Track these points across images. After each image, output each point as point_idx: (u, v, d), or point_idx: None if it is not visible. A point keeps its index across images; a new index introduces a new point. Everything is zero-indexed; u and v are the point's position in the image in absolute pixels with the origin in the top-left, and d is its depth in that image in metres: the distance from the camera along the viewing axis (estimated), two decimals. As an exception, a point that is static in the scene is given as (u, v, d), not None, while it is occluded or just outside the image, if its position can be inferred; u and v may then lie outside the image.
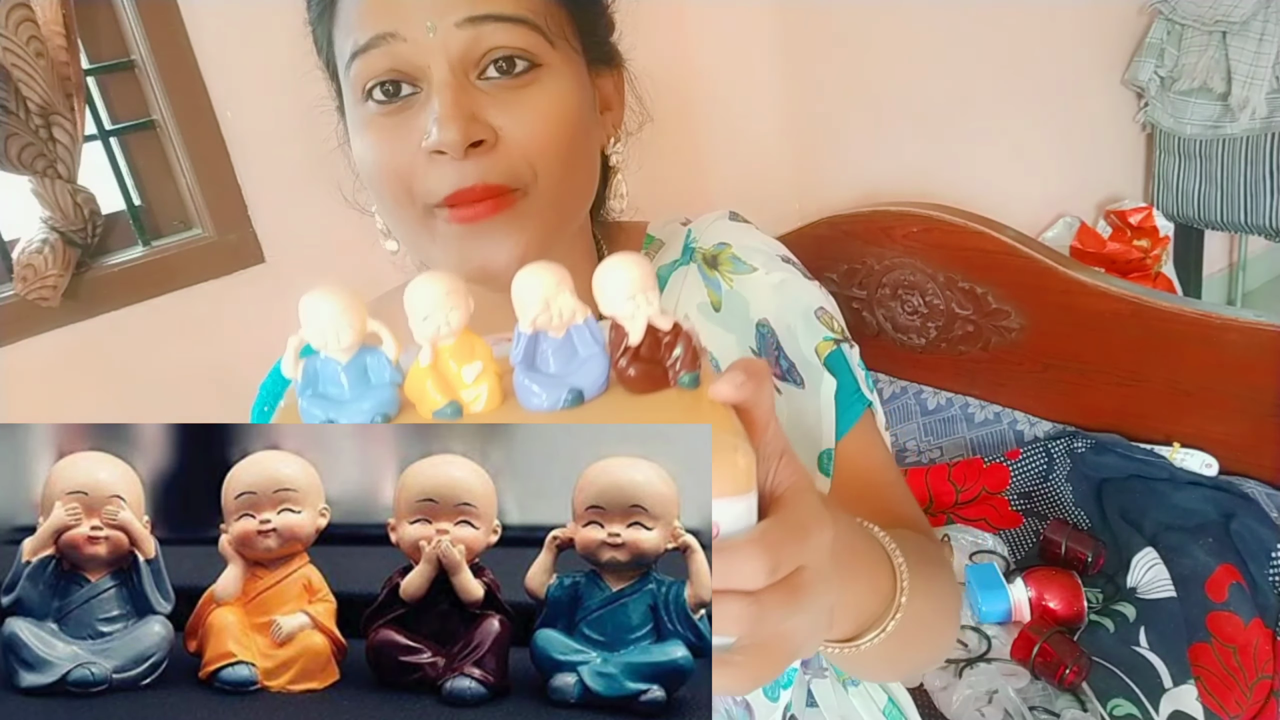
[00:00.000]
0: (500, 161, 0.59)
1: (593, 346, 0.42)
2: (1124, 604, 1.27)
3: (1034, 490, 1.54)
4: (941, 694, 1.21)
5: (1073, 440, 1.53)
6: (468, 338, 0.41)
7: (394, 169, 0.61)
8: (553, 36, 0.61)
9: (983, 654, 1.27)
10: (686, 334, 0.42)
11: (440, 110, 0.57)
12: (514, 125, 0.59)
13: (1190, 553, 1.28)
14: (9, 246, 1.30)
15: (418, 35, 0.58)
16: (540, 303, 0.40)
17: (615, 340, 0.42)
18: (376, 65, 0.59)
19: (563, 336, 0.41)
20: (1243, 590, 1.23)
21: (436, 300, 0.40)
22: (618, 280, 0.40)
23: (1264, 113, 2.23)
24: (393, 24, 0.58)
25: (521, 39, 0.59)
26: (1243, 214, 2.37)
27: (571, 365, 0.42)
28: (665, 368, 0.42)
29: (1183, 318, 1.39)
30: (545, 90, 0.61)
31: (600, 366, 0.42)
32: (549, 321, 0.41)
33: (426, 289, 0.40)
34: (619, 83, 0.72)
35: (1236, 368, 1.35)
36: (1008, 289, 1.57)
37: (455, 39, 0.58)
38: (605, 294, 0.41)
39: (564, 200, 0.64)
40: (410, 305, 0.41)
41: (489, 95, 0.59)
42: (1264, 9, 2.16)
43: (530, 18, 0.60)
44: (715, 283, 0.73)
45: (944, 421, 1.72)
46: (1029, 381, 1.61)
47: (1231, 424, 1.40)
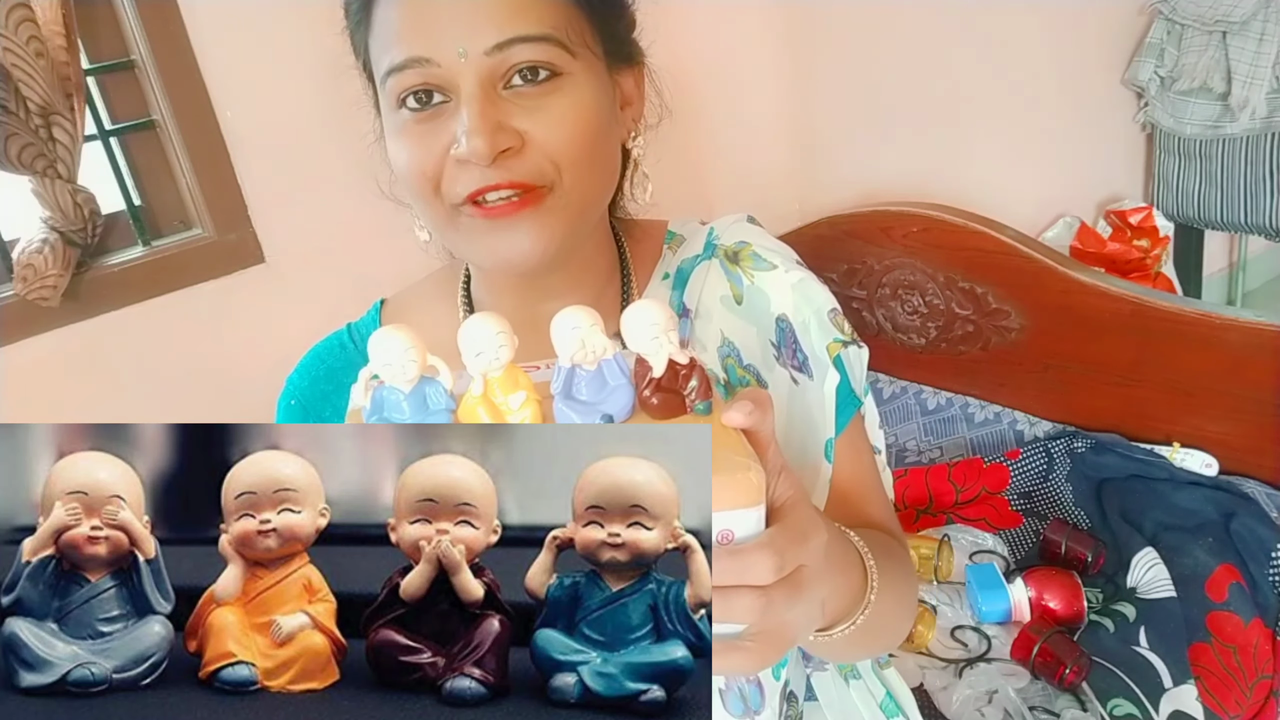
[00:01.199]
0: (526, 162, 0.64)
1: (620, 378, 0.49)
2: (1124, 604, 1.27)
3: (1034, 490, 1.54)
4: (941, 694, 1.21)
5: (1073, 440, 1.53)
6: (512, 370, 0.48)
7: (423, 171, 0.65)
8: (574, 46, 0.65)
9: (983, 654, 1.27)
10: (700, 367, 0.49)
11: (469, 123, 0.62)
12: (538, 129, 0.64)
13: (1190, 553, 1.28)
14: (9, 246, 1.30)
15: (450, 59, 0.62)
16: (577, 343, 0.48)
17: (639, 372, 0.49)
18: (409, 82, 0.64)
19: (594, 369, 0.48)
20: (1243, 590, 1.24)
21: (489, 339, 0.47)
22: (644, 322, 0.48)
23: (1264, 113, 2.23)
24: (426, 49, 0.62)
25: (545, 54, 0.63)
26: (1243, 214, 2.37)
27: (602, 394, 0.49)
28: (683, 396, 0.49)
29: (1183, 318, 1.39)
30: (568, 96, 0.64)
31: (627, 395, 0.49)
32: (584, 357, 0.48)
33: (480, 329, 0.47)
34: (639, 78, 0.75)
35: (1236, 368, 1.35)
36: (1008, 289, 1.57)
37: (484, 62, 0.62)
38: (633, 333, 0.48)
39: (587, 196, 0.68)
40: (465, 343, 0.47)
41: (514, 103, 0.63)
42: (1264, 9, 2.16)
43: (553, 34, 0.63)
44: (737, 278, 0.78)
45: (944, 421, 1.72)
46: (1029, 381, 1.61)
47: (1231, 424, 1.40)
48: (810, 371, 0.75)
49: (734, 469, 0.45)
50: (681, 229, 0.83)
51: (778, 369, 0.76)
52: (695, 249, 0.80)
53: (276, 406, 0.80)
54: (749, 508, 0.46)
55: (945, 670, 1.25)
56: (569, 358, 0.48)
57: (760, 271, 0.77)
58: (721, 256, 0.79)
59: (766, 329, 0.76)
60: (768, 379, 0.76)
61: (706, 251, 0.79)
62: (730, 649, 0.46)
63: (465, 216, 0.65)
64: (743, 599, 0.45)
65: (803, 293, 0.75)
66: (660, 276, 0.80)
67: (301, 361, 0.82)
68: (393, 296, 0.85)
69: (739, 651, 0.46)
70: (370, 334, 0.80)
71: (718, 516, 0.46)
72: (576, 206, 0.67)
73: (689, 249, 0.80)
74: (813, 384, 0.75)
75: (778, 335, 0.76)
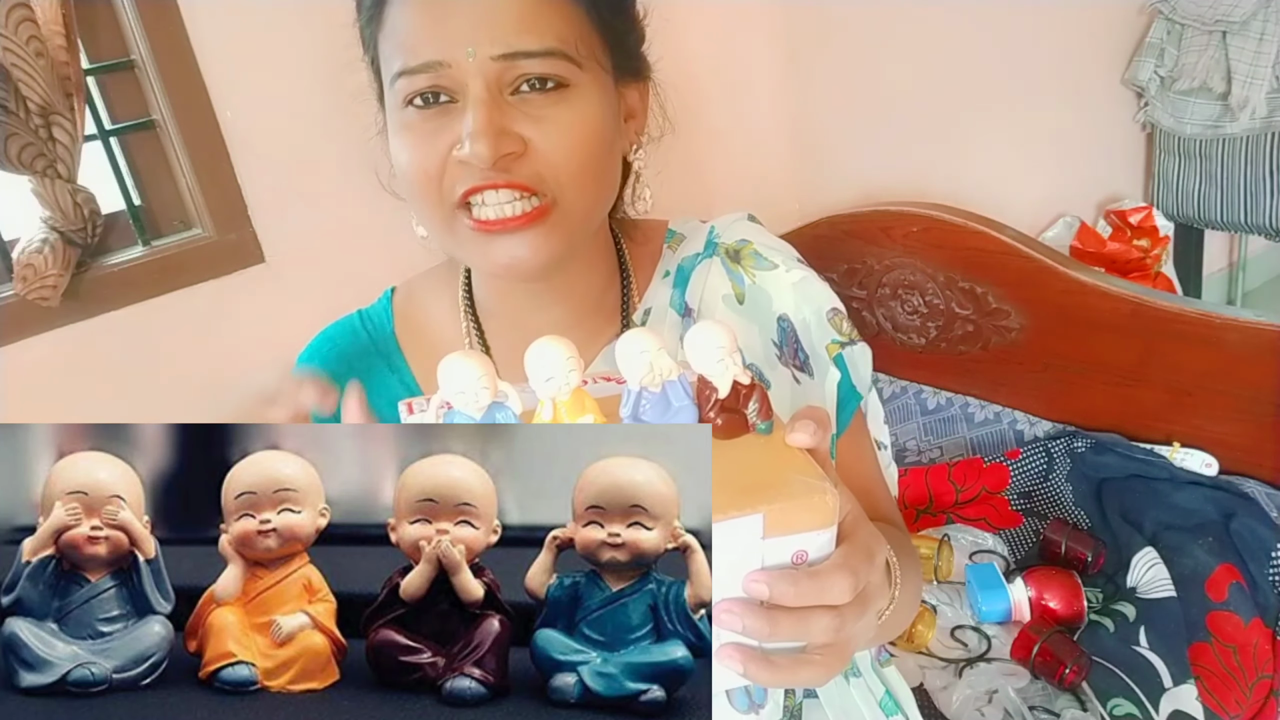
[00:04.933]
0: (526, 167, 0.64)
1: (684, 399, 0.49)
2: (1124, 604, 1.27)
3: (1034, 490, 1.54)
4: (941, 694, 1.21)
5: (1073, 440, 1.53)
6: (579, 393, 0.49)
7: (425, 169, 0.65)
8: (582, 59, 0.65)
9: (983, 654, 1.27)
10: (760, 387, 0.50)
11: (473, 125, 0.62)
12: (542, 138, 0.64)
13: (1190, 552, 1.28)
14: (9, 246, 1.30)
15: (459, 60, 0.63)
16: (646, 367, 0.48)
17: (702, 393, 0.50)
18: (419, 85, 0.64)
19: (659, 391, 0.49)
20: (1243, 590, 1.23)
21: (559, 364, 0.47)
22: (710, 344, 0.49)
23: (1264, 112, 2.23)
24: (438, 53, 0.63)
25: (552, 67, 0.64)
26: (1243, 214, 2.37)
27: (666, 415, 0.49)
28: (745, 416, 0.50)
29: (1183, 318, 1.39)
30: (572, 108, 0.65)
31: (690, 416, 0.50)
32: (652, 380, 0.49)
33: (551, 354, 0.48)
34: (644, 92, 0.75)
35: (1236, 368, 1.35)
36: (1008, 289, 1.57)
37: (491, 67, 0.63)
38: (698, 355, 0.49)
39: (587, 208, 0.68)
40: (534, 367, 0.48)
41: (519, 109, 0.64)
42: (1264, 9, 2.16)
43: (560, 48, 0.64)
44: (738, 276, 0.78)
45: (944, 421, 1.72)
46: (1029, 381, 1.61)
47: (1231, 424, 1.40)
48: (811, 370, 0.75)
49: (811, 491, 0.46)
50: (681, 227, 0.83)
51: (780, 368, 0.76)
52: (696, 247, 0.80)
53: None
54: (824, 529, 0.47)
55: (945, 670, 1.25)
56: (637, 381, 0.49)
57: (761, 270, 0.77)
58: (723, 255, 0.79)
59: (768, 328, 0.76)
60: (770, 378, 0.76)
61: (707, 250, 0.80)
62: (798, 663, 0.48)
63: (463, 224, 0.66)
64: (820, 620, 0.46)
65: (803, 292, 0.76)
66: (661, 275, 0.80)
67: (312, 343, 0.83)
68: (402, 285, 0.86)
69: (808, 666, 0.48)
70: (382, 321, 0.81)
71: (794, 539, 0.46)
72: (576, 219, 0.67)
73: (689, 247, 0.81)
74: (814, 382, 0.75)
75: (779, 335, 0.76)
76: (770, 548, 0.46)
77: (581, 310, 0.77)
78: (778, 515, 0.45)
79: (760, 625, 0.46)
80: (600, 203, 0.71)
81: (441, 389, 0.48)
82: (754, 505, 0.45)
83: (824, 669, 0.48)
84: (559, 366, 0.47)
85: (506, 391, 0.48)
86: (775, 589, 0.46)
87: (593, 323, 0.77)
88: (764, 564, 0.46)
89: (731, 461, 0.48)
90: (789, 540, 0.46)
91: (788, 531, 0.46)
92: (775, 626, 0.46)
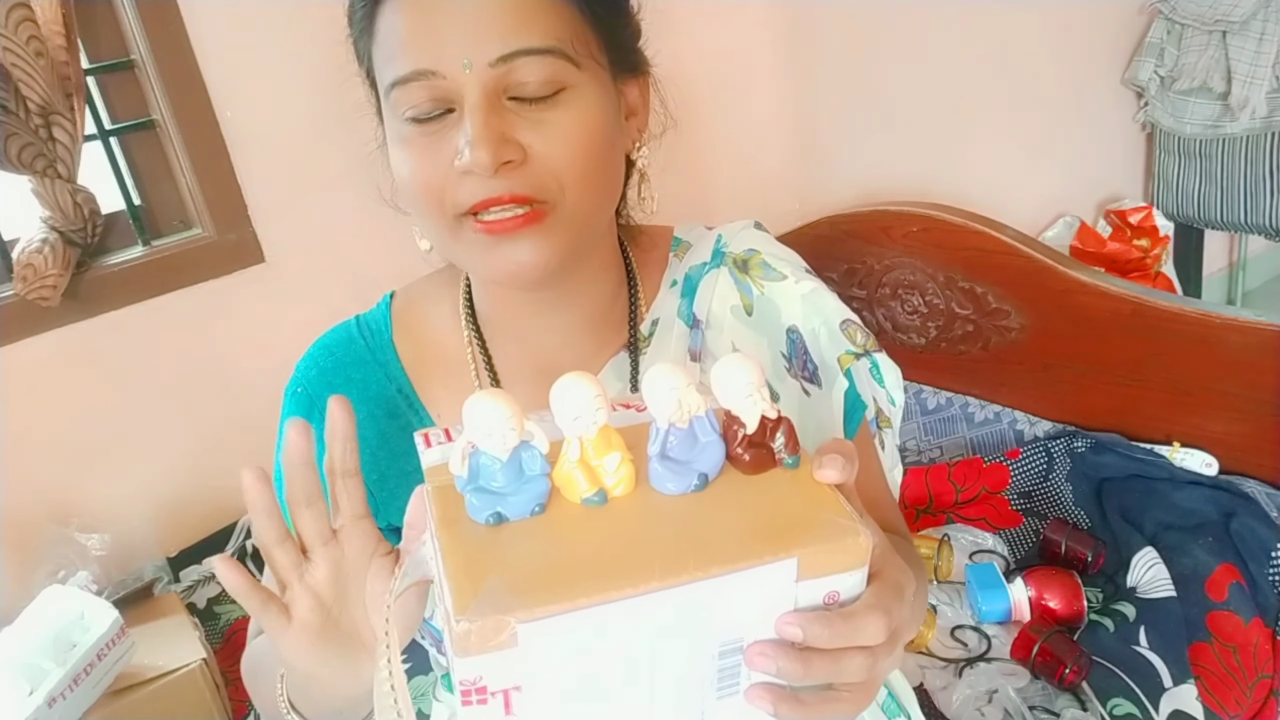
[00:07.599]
0: (529, 176, 0.63)
1: (711, 434, 0.49)
2: (1124, 603, 1.27)
3: (1034, 490, 1.54)
4: (941, 694, 1.21)
5: (1073, 440, 1.53)
6: (605, 430, 0.47)
7: (427, 182, 0.64)
8: (579, 58, 0.64)
9: (983, 654, 1.27)
10: (787, 421, 0.49)
11: (472, 133, 0.61)
12: (542, 143, 0.63)
13: (1190, 552, 1.28)
14: (9, 246, 1.30)
15: (454, 71, 0.61)
16: (675, 404, 0.47)
17: (729, 428, 0.49)
18: (415, 96, 0.63)
19: (686, 427, 0.48)
20: (1243, 590, 1.23)
21: (586, 402, 0.46)
22: (739, 380, 0.48)
23: (1264, 112, 2.23)
24: (430, 61, 0.62)
25: (550, 67, 0.62)
26: (1243, 214, 2.37)
27: (694, 451, 0.48)
28: (772, 450, 0.49)
29: (1183, 318, 1.39)
30: (571, 110, 0.63)
31: (718, 451, 0.49)
32: (680, 417, 0.48)
33: (578, 393, 0.46)
34: (644, 88, 0.74)
35: (1236, 368, 1.35)
36: (1008, 289, 1.57)
37: (489, 74, 0.61)
38: (727, 390, 0.48)
39: (590, 211, 0.67)
40: (560, 405, 0.47)
41: (518, 115, 0.63)
42: (1264, 9, 2.16)
43: (558, 46, 0.62)
44: (747, 287, 0.77)
45: (944, 421, 1.72)
46: (1029, 381, 1.61)
47: (1231, 424, 1.40)
48: (820, 381, 0.75)
49: (844, 534, 0.45)
50: (688, 235, 0.82)
51: (789, 380, 0.75)
52: (703, 256, 0.79)
53: (284, 395, 0.80)
54: (857, 570, 0.47)
55: (945, 670, 1.25)
56: (666, 419, 0.48)
57: (770, 281, 0.76)
58: (730, 265, 0.78)
59: (777, 340, 0.76)
60: (779, 390, 0.75)
61: (715, 259, 0.78)
62: (827, 700, 0.48)
63: (468, 230, 0.65)
64: (855, 660, 0.46)
65: (813, 303, 0.75)
66: (668, 284, 0.79)
67: (309, 351, 0.81)
68: (402, 290, 0.84)
69: (836, 702, 0.48)
70: (380, 328, 0.80)
71: (827, 580, 0.46)
72: (579, 222, 0.66)
73: (696, 256, 0.79)
74: (822, 393, 0.74)
75: (788, 346, 0.75)
76: (803, 590, 0.46)
77: (590, 319, 0.75)
78: (811, 558, 0.45)
79: (795, 668, 0.45)
80: (602, 204, 0.69)
81: (466, 429, 0.46)
82: (788, 549, 0.44)
83: (853, 705, 0.48)
84: (586, 405, 0.46)
85: (533, 431, 0.47)
86: (809, 631, 0.45)
87: (601, 332, 0.76)
88: (797, 605, 0.46)
89: (761, 500, 0.47)
90: (822, 582, 0.46)
91: (821, 574, 0.45)
92: (809, 668, 0.46)
